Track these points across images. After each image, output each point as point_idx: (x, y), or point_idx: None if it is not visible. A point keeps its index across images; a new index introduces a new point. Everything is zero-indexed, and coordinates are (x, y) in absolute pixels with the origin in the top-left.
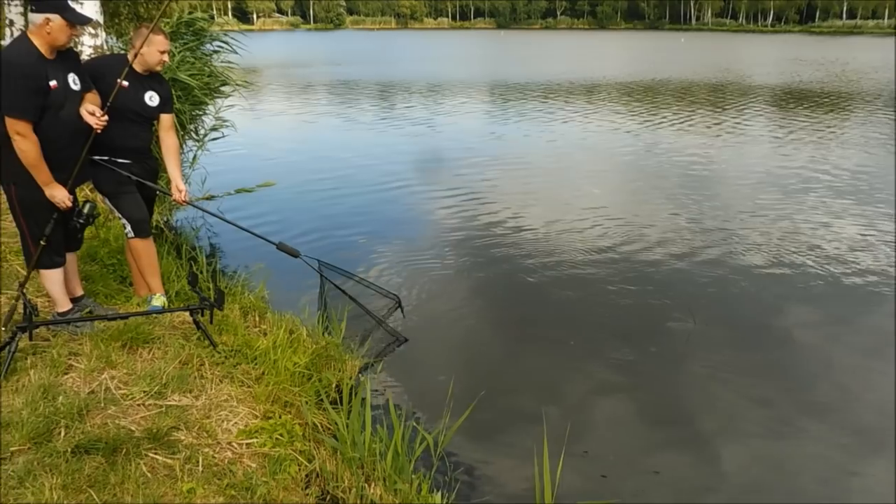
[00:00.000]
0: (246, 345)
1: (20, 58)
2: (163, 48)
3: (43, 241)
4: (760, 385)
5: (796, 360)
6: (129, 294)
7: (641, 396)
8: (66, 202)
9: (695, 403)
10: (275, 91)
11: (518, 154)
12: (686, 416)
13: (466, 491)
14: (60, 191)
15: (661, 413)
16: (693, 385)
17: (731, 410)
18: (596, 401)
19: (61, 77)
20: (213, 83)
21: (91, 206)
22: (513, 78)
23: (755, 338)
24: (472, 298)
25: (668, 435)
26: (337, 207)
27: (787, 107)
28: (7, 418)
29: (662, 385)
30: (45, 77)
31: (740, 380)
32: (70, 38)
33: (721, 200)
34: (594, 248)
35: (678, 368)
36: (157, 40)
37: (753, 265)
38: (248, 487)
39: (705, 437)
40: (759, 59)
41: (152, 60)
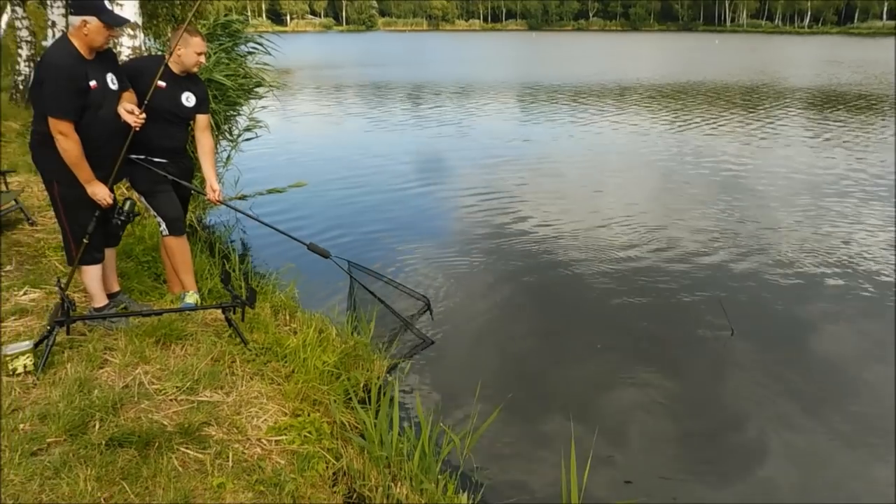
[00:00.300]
0: (276, 343)
1: (61, 59)
2: (200, 50)
3: (86, 238)
4: (797, 396)
5: (835, 371)
6: (163, 291)
7: (671, 402)
8: (107, 199)
9: (727, 411)
10: (306, 92)
11: (548, 156)
12: (718, 424)
13: (493, 492)
14: (101, 188)
15: (692, 420)
16: (726, 392)
17: (767, 420)
18: (624, 406)
19: (100, 77)
20: (248, 84)
21: (131, 204)
22: (544, 80)
23: (792, 347)
24: (500, 300)
25: (698, 442)
26: (366, 207)
27: (823, 109)
28: (44, 410)
29: (694, 391)
30: (85, 77)
31: (775, 389)
32: (107, 39)
33: (755, 204)
34: (624, 251)
35: (710, 375)
36: (194, 42)
37: (789, 272)
38: (277, 484)
39: (737, 445)
40: (796, 60)
41: (189, 62)
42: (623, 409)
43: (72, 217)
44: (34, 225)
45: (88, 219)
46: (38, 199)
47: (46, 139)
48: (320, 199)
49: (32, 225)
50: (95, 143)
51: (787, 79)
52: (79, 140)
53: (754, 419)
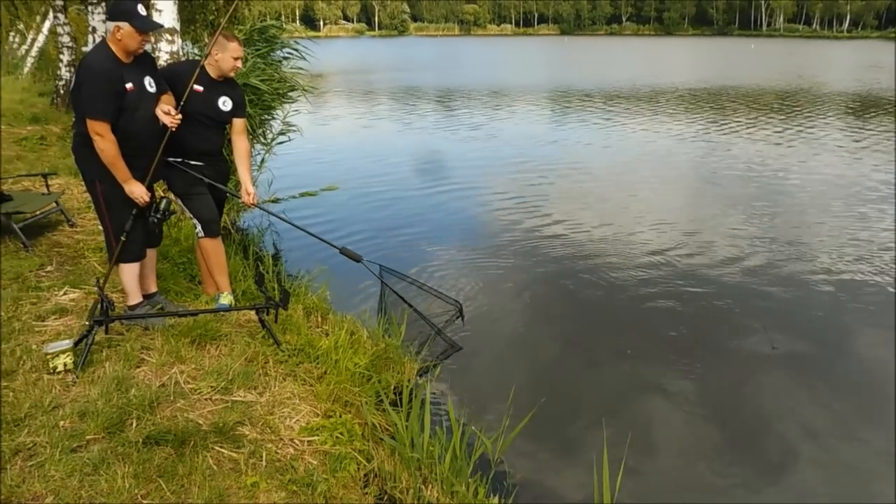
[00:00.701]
0: (308, 344)
1: (98, 63)
2: (237, 55)
3: (123, 236)
4: (833, 409)
5: (874, 382)
6: (199, 292)
7: (706, 411)
8: (143, 198)
9: (761, 421)
10: (339, 96)
11: (581, 160)
12: (751, 434)
13: (524, 497)
14: (139, 187)
15: (725, 429)
16: (760, 403)
17: (801, 431)
18: (657, 413)
19: (137, 80)
20: (283, 88)
21: (167, 202)
22: (577, 84)
23: (828, 358)
24: (531, 304)
25: (731, 452)
26: (398, 210)
27: (863, 115)
28: (84, 408)
29: (726, 400)
30: (122, 80)
31: (811, 401)
32: (141, 43)
33: (792, 211)
34: (657, 256)
35: (744, 384)
36: (231, 47)
37: (827, 280)
38: (309, 484)
39: (769, 455)
40: (834, 65)
41: (226, 66)
42: (655, 416)
43: (115, 216)
44: (74, 226)
45: (129, 217)
46: (78, 202)
47: (87, 140)
48: (352, 203)
49: (72, 226)
50: (133, 144)
51: (825, 84)
52: (115, 140)
53: (788, 429)
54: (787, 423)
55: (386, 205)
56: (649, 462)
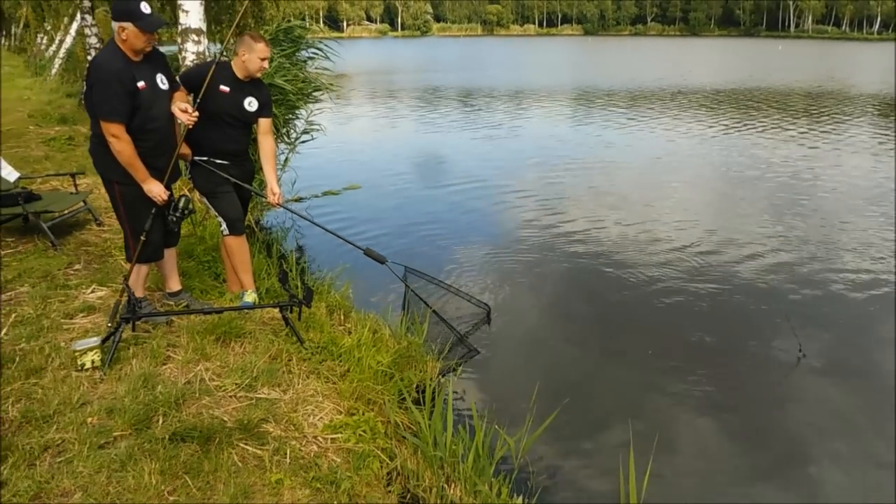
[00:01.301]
0: (331, 342)
1: (108, 63)
2: (264, 55)
3: (143, 236)
4: (861, 418)
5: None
6: (223, 290)
7: (732, 413)
8: (162, 196)
9: (787, 424)
10: (362, 96)
11: (606, 160)
12: (776, 437)
13: (547, 497)
14: (157, 185)
15: (755, 432)
16: (786, 405)
17: (827, 437)
18: (684, 415)
19: (149, 78)
20: (307, 88)
21: (186, 200)
22: (601, 85)
23: (857, 364)
24: (555, 305)
25: (761, 455)
26: (421, 210)
27: (891, 117)
28: (111, 404)
29: (754, 401)
30: (133, 80)
31: (839, 409)
32: (148, 42)
33: (820, 213)
34: (681, 257)
35: (772, 385)
36: (258, 47)
37: (856, 283)
38: (333, 481)
39: (799, 462)
40: (864, 67)
41: (253, 67)
42: (681, 417)
43: (132, 216)
44: (101, 225)
45: (147, 215)
46: (105, 201)
47: (103, 141)
48: (375, 201)
49: (100, 225)
50: (150, 143)
51: (853, 86)
52: (130, 141)
53: (815, 432)
54: (815, 426)
55: (408, 203)
56: (676, 464)
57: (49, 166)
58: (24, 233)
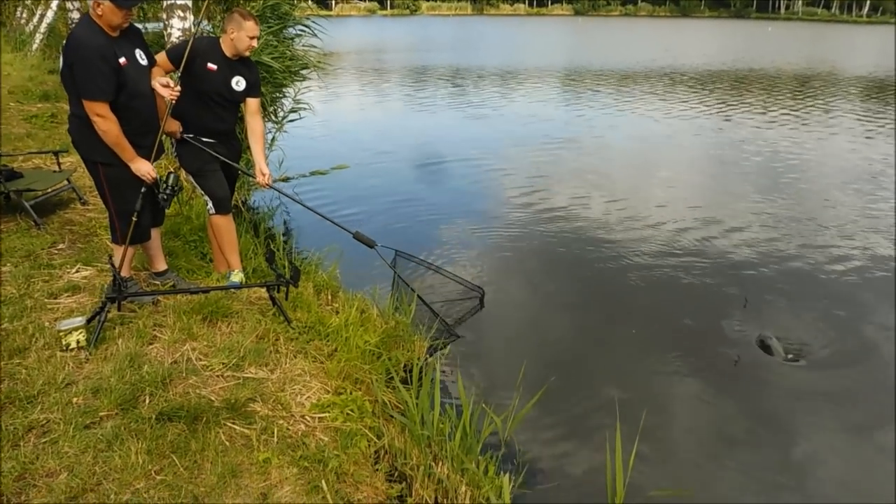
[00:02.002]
0: (319, 322)
1: (89, 39)
2: (252, 33)
3: (135, 216)
4: (847, 403)
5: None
6: (210, 269)
7: (718, 393)
8: (151, 174)
9: (774, 406)
10: (350, 75)
11: (593, 141)
12: (764, 419)
13: (534, 474)
14: (145, 164)
15: (739, 412)
16: (773, 386)
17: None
18: (671, 393)
19: (129, 53)
20: (294, 66)
21: (175, 177)
22: (591, 65)
23: (844, 343)
24: (543, 284)
25: (745, 435)
26: (408, 189)
27: (882, 100)
28: (97, 384)
29: (739, 382)
30: (115, 56)
31: (823, 395)
32: (124, 19)
33: (805, 193)
34: (669, 238)
35: (757, 367)
36: (247, 25)
37: (841, 268)
38: (321, 460)
39: (782, 440)
40: (854, 49)
41: (241, 46)
42: (668, 397)
43: (117, 197)
44: (86, 204)
45: (134, 197)
46: (90, 179)
47: (86, 122)
48: (363, 181)
49: (84, 204)
50: (136, 122)
51: (842, 68)
52: (116, 120)
53: (797, 411)
54: (797, 404)
55: (396, 183)
56: (662, 441)
57: (31, 144)
58: (6, 212)
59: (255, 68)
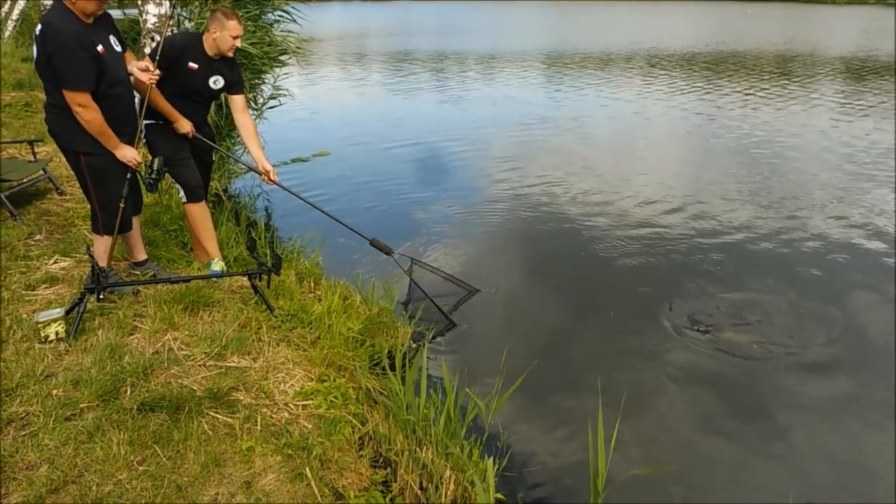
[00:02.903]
0: (302, 309)
1: (68, 27)
2: (236, 33)
3: (122, 203)
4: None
5: (868, 348)
6: (190, 259)
7: (700, 375)
8: (137, 159)
9: (757, 388)
10: (330, 61)
11: (574, 125)
12: (747, 401)
13: (518, 457)
14: (129, 150)
15: (721, 394)
16: (755, 368)
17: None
18: (652, 374)
19: (105, 40)
20: (273, 52)
21: (160, 161)
22: (570, 49)
23: (822, 325)
24: (525, 268)
25: (727, 418)
26: (390, 175)
27: (861, 79)
28: (77, 376)
29: (720, 363)
30: (94, 43)
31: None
32: (98, 6)
33: (788, 172)
34: (651, 222)
35: (740, 348)
36: (230, 25)
37: (823, 247)
38: (305, 447)
39: (766, 424)
40: (833, 30)
41: (224, 46)
42: (649, 380)
43: (100, 186)
44: (63, 194)
45: (116, 186)
46: (67, 169)
47: (66, 112)
48: (345, 168)
49: (62, 194)
50: (118, 109)
51: (823, 49)
52: (98, 109)
53: (783, 396)
54: (784, 389)
55: (379, 169)
56: (644, 422)
57: (5, 133)
58: None
59: (237, 67)
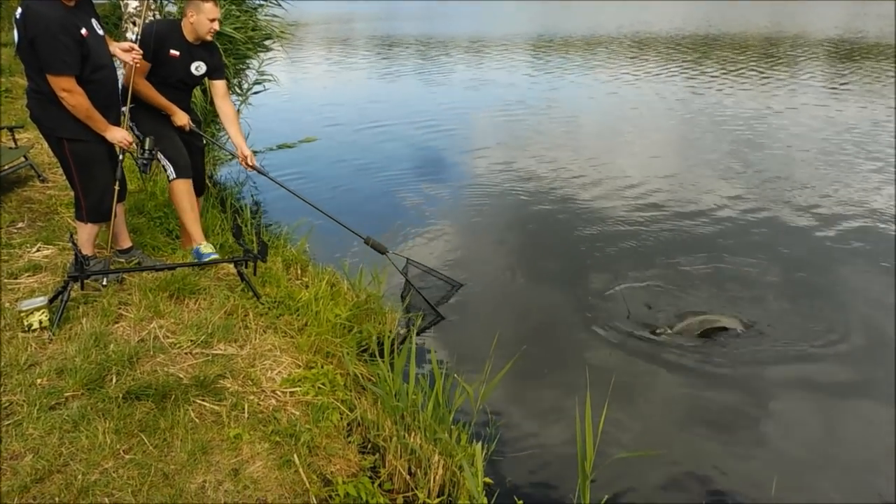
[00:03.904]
0: (288, 296)
1: (50, 11)
2: (212, 16)
3: (117, 185)
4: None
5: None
6: (176, 246)
7: (688, 360)
8: (127, 139)
9: (746, 374)
10: (316, 45)
11: (560, 109)
12: (737, 387)
13: (506, 442)
14: (119, 131)
15: (709, 378)
16: (744, 353)
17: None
18: (639, 359)
19: (88, 24)
20: (257, 37)
21: (151, 141)
22: (557, 33)
23: (805, 303)
24: (514, 254)
25: (714, 403)
26: (376, 160)
27: (848, 61)
28: (61, 365)
29: (712, 349)
30: (77, 27)
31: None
32: None
33: (772, 158)
34: (638, 205)
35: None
36: (206, 7)
37: (806, 226)
38: (292, 434)
39: (751, 409)
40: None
41: (202, 29)
42: (635, 362)
43: (84, 173)
44: (45, 182)
45: (101, 173)
46: (49, 156)
47: (50, 97)
48: (332, 154)
49: (43, 182)
50: (104, 92)
51: (809, 32)
52: (84, 93)
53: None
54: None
55: (365, 155)
56: (632, 407)
57: None
58: None
59: (218, 52)
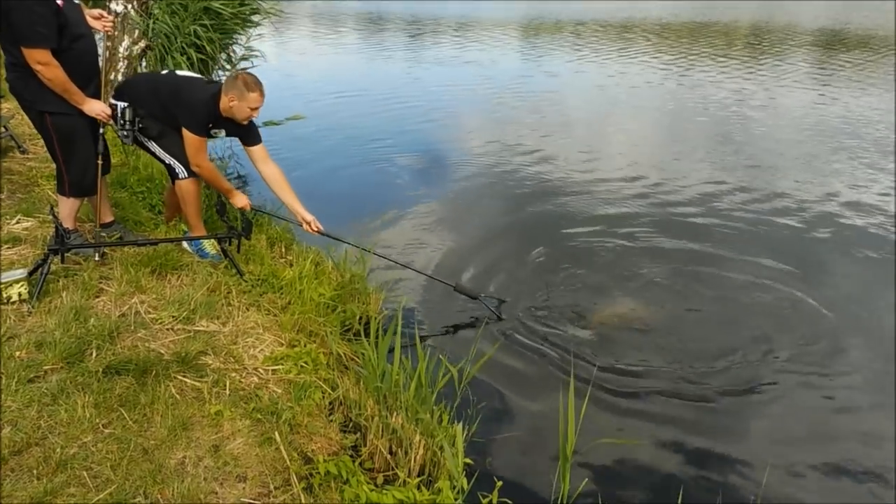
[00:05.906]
0: (272, 274)
1: None
2: (255, 105)
3: (100, 160)
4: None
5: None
6: (158, 221)
7: (673, 343)
8: (106, 112)
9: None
10: (304, 21)
11: (549, 94)
12: (724, 368)
13: (488, 424)
14: (97, 103)
15: (696, 362)
16: (731, 335)
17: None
18: (626, 345)
19: None
20: (245, 12)
21: (131, 111)
22: (546, 16)
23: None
24: (501, 236)
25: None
26: (364, 141)
27: (833, 50)
28: (41, 338)
29: (696, 331)
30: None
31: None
32: None
33: (761, 147)
34: (626, 192)
35: (715, 317)
36: (251, 97)
37: (792, 216)
38: (274, 412)
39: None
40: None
41: (240, 115)
42: (623, 348)
43: (66, 147)
44: (25, 153)
45: (84, 146)
46: (30, 127)
47: (27, 70)
48: (320, 132)
49: (24, 153)
50: (83, 65)
51: (796, 21)
52: (59, 65)
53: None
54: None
55: (354, 133)
56: (616, 391)
57: None
58: None
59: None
